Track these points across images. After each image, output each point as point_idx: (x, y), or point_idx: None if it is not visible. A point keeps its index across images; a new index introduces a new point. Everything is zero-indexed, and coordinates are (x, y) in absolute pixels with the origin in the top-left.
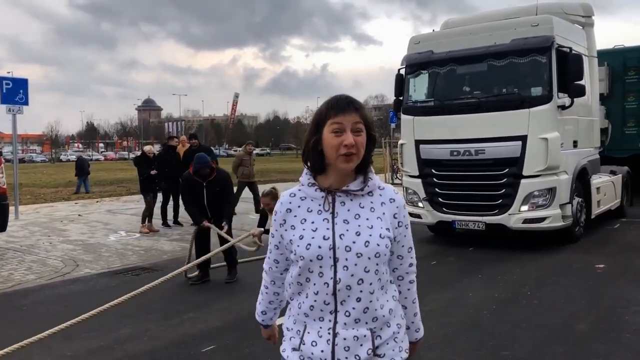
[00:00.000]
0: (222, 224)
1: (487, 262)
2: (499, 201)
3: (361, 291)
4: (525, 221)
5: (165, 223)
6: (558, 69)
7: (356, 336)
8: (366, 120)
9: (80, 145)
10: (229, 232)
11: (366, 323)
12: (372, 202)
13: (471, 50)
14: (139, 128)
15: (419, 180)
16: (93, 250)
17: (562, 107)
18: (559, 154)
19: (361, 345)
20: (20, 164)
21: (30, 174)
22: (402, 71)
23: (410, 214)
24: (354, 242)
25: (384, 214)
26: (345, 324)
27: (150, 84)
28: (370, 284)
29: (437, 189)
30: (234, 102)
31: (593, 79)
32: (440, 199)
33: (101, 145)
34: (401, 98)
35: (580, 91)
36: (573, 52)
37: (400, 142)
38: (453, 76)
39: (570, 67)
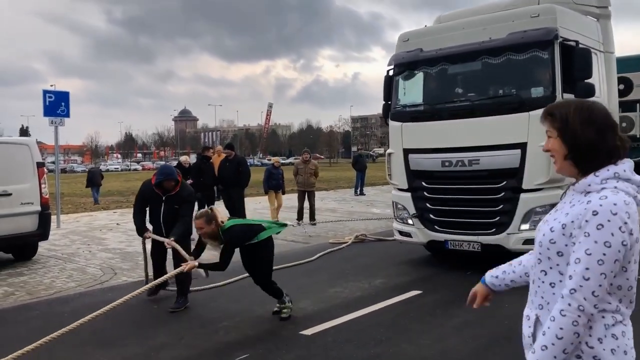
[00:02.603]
0: (169, 240)
1: None
2: (496, 219)
3: None
4: (527, 242)
5: None
6: (562, 66)
7: None
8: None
9: (119, 156)
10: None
11: None
12: None
13: (463, 47)
14: (176, 138)
15: (409, 195)
16: (130, 258)
17: None
18: None
19: None
20: (62, 174)
21: (71, 184)
22: (392, 72)
23: (400, 233)
24: None
25: None
26: None
27: (186, 95)
28: None
29: (427, 205)
30: (267, 112)
31: (610, 79)
32: (431, 216)
33: (139, 155)
34: (390, 102)
35: (588, 91)
36: (580, 46)
37: (387, 151)
38: (444, 77)
39: (576, 63)
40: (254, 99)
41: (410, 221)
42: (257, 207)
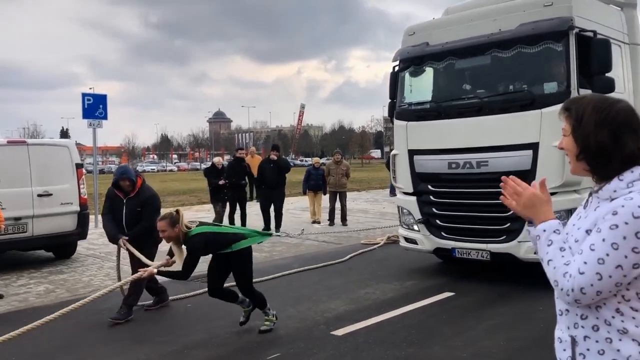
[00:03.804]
0: (124, 237)
1: None
2: (506, 225)
3: None
4: None
5: None
6: (578, 59)
7: None
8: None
9: (156, 157)
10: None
11: None
12: None
13: (471, 40)
14: (210, 139)
15: (414, 199)
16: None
17: None
18: None
19: None
20: (100, 175)
21: (108, 184)
22: (397, 69)
23: (405, 239)
24: None
25: None
26: None
27: (220, 97)
28: None
29: (434, 209)
30: (300, 113)
31: (637, 73)
32: (438, 222)
33: (174, 156)
34: (395, 100)
35: (607, 86)
36: (598, 36)
37: (392, 152)
38: (451, 72)
39: (593, 55)
40: (286, 100)
41: (416, 227)
42: (289, 208)
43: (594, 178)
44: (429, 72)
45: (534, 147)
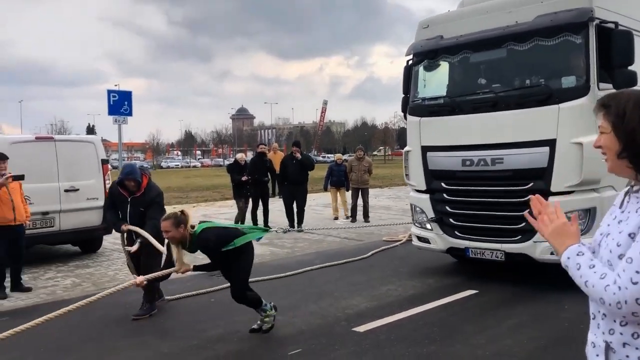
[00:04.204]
0: (135, 243)
1: None
2: (522, 225)
3: None
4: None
5: None
6: (599, 52)
7: None
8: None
9: (179, 153)
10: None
11: None
12: None
13: (486, 33)
14: (233, 136)
15: (427, 197)
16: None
17: None
18: (600, 164)
19: None
20: None
21: None
22: (410, 63)
23: (418, 238)
24: None
25: None
26: None
27: (243, 93)
28: None
29: (447, 208)
30: (322, 109)
31: None
32: (451, 220)
33: (198, 152)
34: (408, 96)
35: (630, 80)
36: (620, 27)
37: (405, 149)
38: (466, 66)
39: (615, 48)
40: (308, 97)
41: (428, 226)
42: (310, 204)
43: (637, 177)
44: (443, 66)
45: (550, 143)
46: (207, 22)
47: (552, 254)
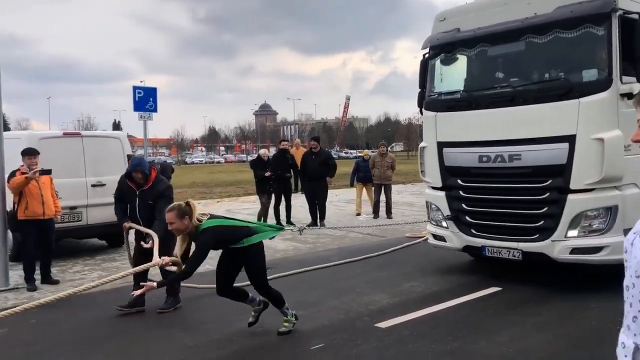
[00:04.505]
0: (146, 240)
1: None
2: (540, 223)
3: None
4: (574, 251)
5: (278, 223)
6: (622, 44)
7: None
8: None
9: (203, 149)
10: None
11: None
12: None
13: (504, 25)
14: (257, 132)
15: (443, 194)
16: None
17: (628, 96)
18: (622, 160)
19: None
20: None
21: None
22: (427, 56)
23: (434, 236)
24: None
25: None
26: None
27: (266, 89)
28: None
29: (463, 205)
30: (345, 105)
31: None
32: (467, 218)
33: (222, 148)
34: (425, 90)
35: None
36: None
37: (420, 145)
38: (483, 60)
39: (638, 39)
40: (331, 92)
41: (444, 224)
42: (332, 200)
43: None
44: (460, 60)
45: (570, 139)
46: (230, 19)
47: (571, 253)
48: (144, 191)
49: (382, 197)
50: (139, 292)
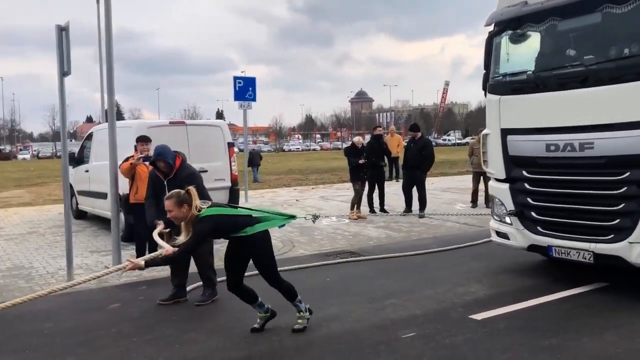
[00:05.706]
0: (159, 222)
1: None
2: (615, 221)
3: None
4: None
5: (372, 210)
6: None
7: None
8: None
9: (300, 136)
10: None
11: None
12: None
13: None
14: (352, 119)
15: (507, 187)
16: (307, 233)
17: None
18: None
19: None
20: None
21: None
22: (492, 34)
23: (497, 233)
24: None
25: None
26: None
27: (362, 77)
28: None
29: (529, 200)
30: (444, 90)
31: None
32: (533, 214)
33: (318, 136)
34: (489, 71)
35: None
36: None
37: (483, 132)
38: (553, 35)
39: None
40: (429, 78)
41: (507, 220)
42: (429, 188)
43: None
44: (526, 37)
45: None
46: (327, 8)
47: None
48: (171, 180)
49: (481, 186)
50: (127, 268)
